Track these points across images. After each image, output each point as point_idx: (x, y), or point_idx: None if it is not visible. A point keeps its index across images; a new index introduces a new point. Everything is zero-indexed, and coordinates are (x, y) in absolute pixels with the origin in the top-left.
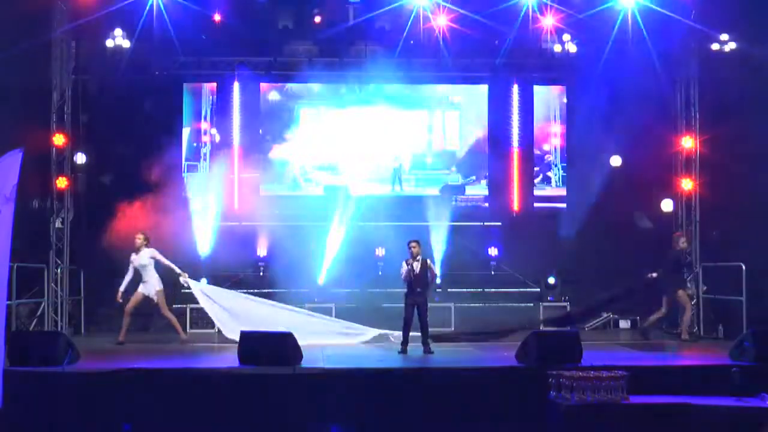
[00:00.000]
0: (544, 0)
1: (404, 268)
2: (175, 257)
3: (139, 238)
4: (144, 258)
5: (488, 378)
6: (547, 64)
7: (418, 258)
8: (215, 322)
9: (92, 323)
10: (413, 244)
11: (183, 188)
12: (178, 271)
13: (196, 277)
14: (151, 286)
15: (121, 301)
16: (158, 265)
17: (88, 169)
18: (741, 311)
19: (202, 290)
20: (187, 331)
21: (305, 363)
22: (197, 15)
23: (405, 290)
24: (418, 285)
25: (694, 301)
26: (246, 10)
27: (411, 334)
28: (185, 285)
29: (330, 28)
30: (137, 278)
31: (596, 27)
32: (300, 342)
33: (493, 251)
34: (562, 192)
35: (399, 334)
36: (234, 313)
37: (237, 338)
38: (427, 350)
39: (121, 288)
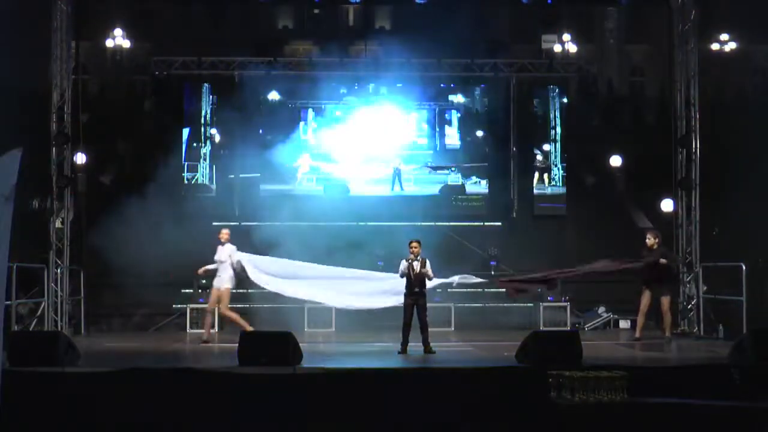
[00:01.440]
0: (544, 0)
1: (403, 265)
2: (174, 257)
3: (227, 233)
4: (224, 254)
5: (488, 378)
6: (547, 64)
7: (418, 258)
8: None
9: (92, 323)
10: (414, 244)
11: (183, 188)
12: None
13: (197, 277)
14: (223, 281)
15: (199, 273)
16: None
17: (88, 169)
18: (741, 311)
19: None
20: (187, 330)
21: (305, 363)
22: (197, 15)
23: (404, 290)
24: (417, 285)
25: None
26: (246, 10)
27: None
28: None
29: (330, 28)
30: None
31: (596, 27)
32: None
33: (493, 251)
34: (562, 192)
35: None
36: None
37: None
38: (428, 350)
39: (204, 267)
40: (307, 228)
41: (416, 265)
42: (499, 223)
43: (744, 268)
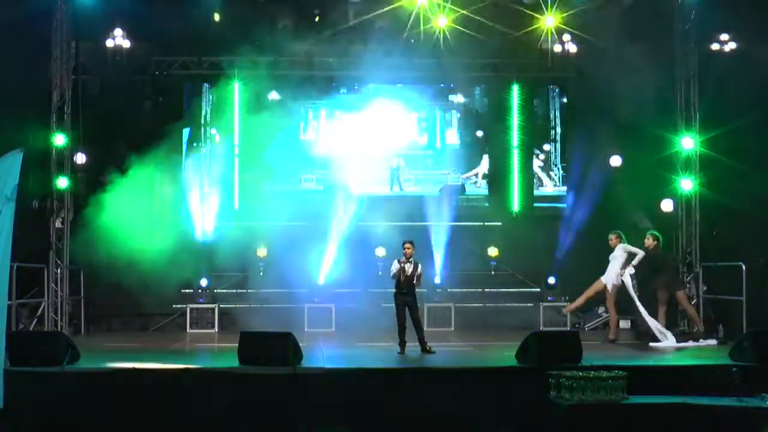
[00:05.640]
0: None
1: (396, 266)
2: (174, 257)
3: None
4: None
5: (488, 378)
6: (547, 64)
7: (411, 260)
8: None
9: (92, 323)
10: (408, 245)
11: (183, 188)
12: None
13: (196, 277)
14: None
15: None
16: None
17: (88, 169)
18: (741, 311)
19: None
20: (187, 330)
21: (305, 363)
22: (197, 14)
23: (393, 290)
24: (406, 285)
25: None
26: (246, 9)
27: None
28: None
29: (330, 28)
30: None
31: (596, 27)
32: None
33: (493, 251)
34: (562, 192)
35: None
36: None
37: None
38: (426, 350)
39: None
40: (307, 228)
41: (408, 267)
42: (499, 223)
43: (744, 268)
